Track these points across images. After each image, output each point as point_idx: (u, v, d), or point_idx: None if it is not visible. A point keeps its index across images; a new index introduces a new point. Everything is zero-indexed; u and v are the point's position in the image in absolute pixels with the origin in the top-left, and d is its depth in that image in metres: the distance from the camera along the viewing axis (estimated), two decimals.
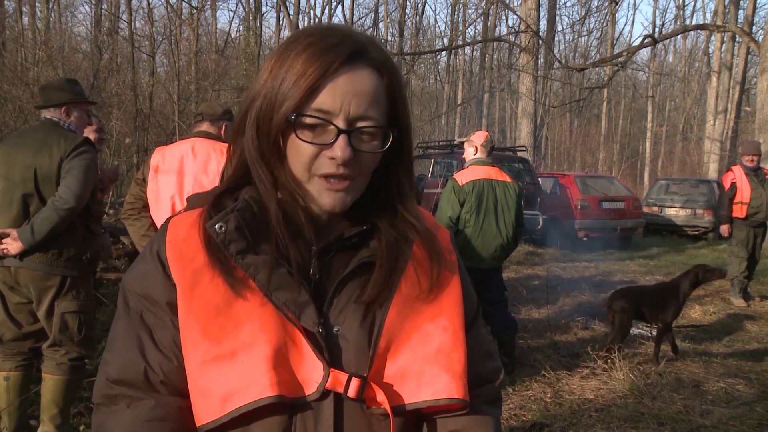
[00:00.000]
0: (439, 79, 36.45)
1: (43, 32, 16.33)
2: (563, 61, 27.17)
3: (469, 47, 31.59)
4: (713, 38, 26.40)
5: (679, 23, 31.70)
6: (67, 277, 2.97)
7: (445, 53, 31.21)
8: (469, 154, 4.63)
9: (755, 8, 22.32)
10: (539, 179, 12.39)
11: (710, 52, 28.93)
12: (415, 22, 32.90)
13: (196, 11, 19.70)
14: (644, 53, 33.79)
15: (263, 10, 29.88)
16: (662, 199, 14.76)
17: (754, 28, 22.23)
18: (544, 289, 6.88)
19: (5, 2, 15.26)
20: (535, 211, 10.82)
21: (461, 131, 30.00)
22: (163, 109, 14.13)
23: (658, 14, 60.73)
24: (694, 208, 14.14)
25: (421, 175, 11.56)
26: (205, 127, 3.27)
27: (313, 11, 29.89)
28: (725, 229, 7.42)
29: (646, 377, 4.38)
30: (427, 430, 0.93)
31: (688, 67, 35.65)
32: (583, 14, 34.53)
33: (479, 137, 4.58)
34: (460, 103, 32.18)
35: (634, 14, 78.39)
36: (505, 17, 31.79)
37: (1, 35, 13.34)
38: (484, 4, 26.81)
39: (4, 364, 3.04)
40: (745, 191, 7.22)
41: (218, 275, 0.83)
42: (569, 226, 12.11)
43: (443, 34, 36.95)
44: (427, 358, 0.87)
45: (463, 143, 6.00)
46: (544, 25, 24.20)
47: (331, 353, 0.84)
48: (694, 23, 29.03)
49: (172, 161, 3.13)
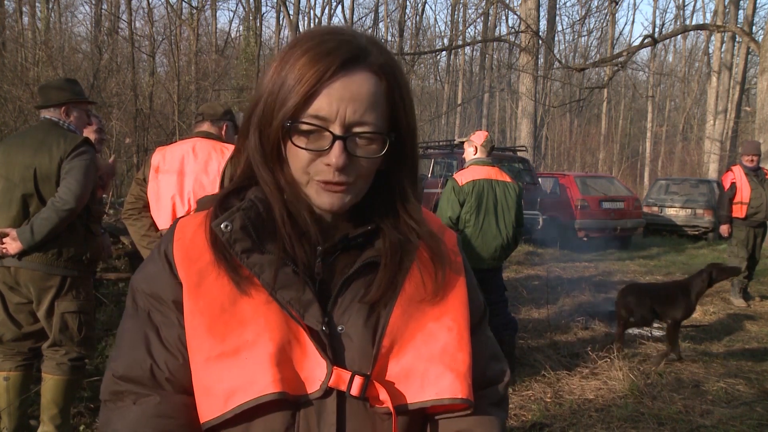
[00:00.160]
0: (439, 79, 36.47)
1: (43, 32, 16.32)
2: (563, 61, 27.16)
3: (469, 47, 31.61)
4: (713, 38, 26.42)
5: (679, 23, 31.72)
6: (67, 277, 2.97)
7: (445, 53, 31.24)
8: (469, 154, 4.62)
9: (755, 8, 22.34)
10: (539, 179, 12.40)
11: (710, 52, 28.98)
12: (415, 22, 32.94)
13: (196, 11, 19.70)
14: (644, 53, 33.85)
15: (263, 10, 29.86)
16: (662, 199, 14.75)
17: (754, 28, 22.25)
18: (544, 289, 6.87)
19: (5, 2, 15.27)
20: (535, 211, 10.82)
21: (461, 131, 30.01)
22: (163, 109, 14.14)
23: (658, 14, 60.87)
24: (694, 208, 14.14)
25: (421, 175, 11.54)
26: (205, 127, 3.28)
27: (313, 11, 29.95)
28: (725, 229, 7.43)
29: (646, 377, 4.38)
30: (431, 430, 0.93)
31: (688, 67, 35.67)
32: (583, 14, 34.58)
33: (479, 137, 4.58)
34: (460, 103, 32.19)
35: (634, 14, 78.62)
36: (505, 17, 31.83)
37: (1, 35, 13.34)
38: (484, 4, 26.84)
39: (4, 364, 3.04)
40: (744, 191, 7.23)
41: (224, 274, 0.84)
42: (569, 226, 12.11)
43: (443, 34, 37.03)
44: (431, 357, 0.87)
45: (463, 143, 6.00)
46: (544, 25, 24.20)
47: (334, 351, 0.84)
48: (694, 23, 29.03)
49: (172, 161, 3.13)
